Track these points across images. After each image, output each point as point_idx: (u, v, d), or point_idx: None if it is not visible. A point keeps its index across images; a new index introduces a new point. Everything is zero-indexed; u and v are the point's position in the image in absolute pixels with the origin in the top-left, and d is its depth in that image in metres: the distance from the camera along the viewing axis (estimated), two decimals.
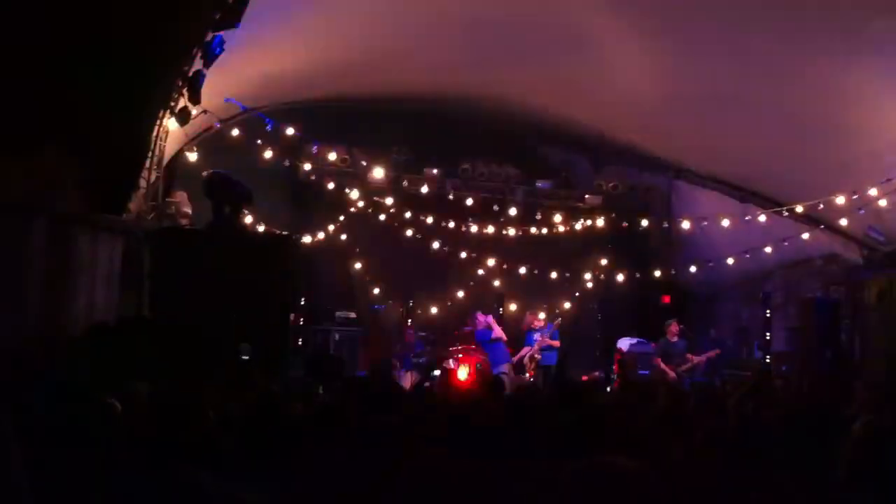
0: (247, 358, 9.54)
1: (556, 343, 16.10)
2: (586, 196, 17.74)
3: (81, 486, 3.91)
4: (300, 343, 14.56)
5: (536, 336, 16.17)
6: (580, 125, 16.00)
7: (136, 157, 11.20)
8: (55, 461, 4.02)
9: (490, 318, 16.20)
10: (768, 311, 16.48)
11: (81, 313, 10.33)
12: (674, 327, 15.64)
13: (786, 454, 3.88)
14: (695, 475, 4.36)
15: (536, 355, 15.94)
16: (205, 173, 12.40)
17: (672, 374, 15.01)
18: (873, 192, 12.75)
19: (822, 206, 13.76)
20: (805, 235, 14.94)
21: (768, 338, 16.19)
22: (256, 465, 4.30)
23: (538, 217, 17.64)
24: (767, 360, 15.80)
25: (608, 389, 14.37)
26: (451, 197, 16.95)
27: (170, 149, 12.68)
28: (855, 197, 13.04)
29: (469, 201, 17.04)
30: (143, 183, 11.78)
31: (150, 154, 11.56)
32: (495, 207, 17.39)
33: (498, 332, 15.93)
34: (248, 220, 13.60)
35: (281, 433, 4.86)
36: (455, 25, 12.21)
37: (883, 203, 12.92)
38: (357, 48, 13.00)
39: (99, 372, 7.51)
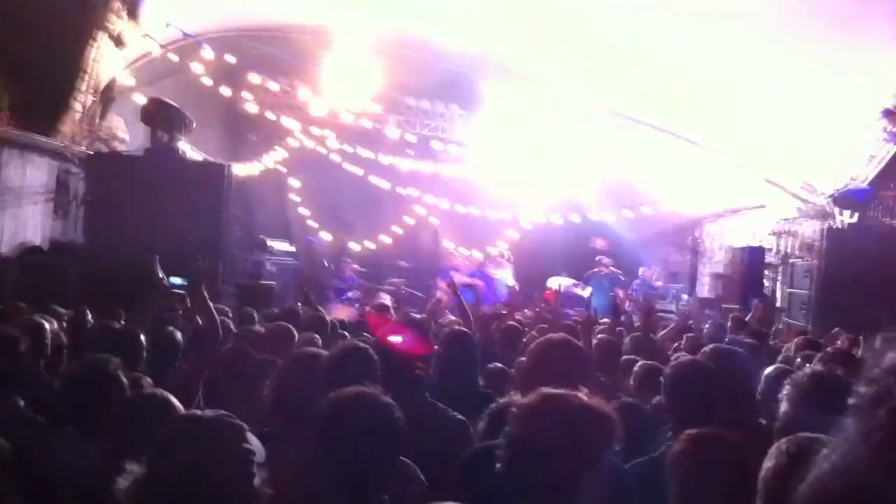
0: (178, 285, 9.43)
1: (477, 282, 16.18)
2: None
3: None
4: None
5: (452, 273, 16.35)
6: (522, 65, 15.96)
7: (69, 78, 10.94)
8: None
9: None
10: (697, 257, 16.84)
11: (10, 235, 10.16)
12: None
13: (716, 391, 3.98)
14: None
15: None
16: (142, 99, 12.15)
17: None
18: (809, 145, 12.98)
19: (757, 154, 13.98)
20: (737, 184, 15.19)
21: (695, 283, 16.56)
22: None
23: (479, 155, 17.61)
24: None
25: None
26: (392, 133, 16.82)
27: (106, 73, 12.39)
28: (790, 148, 13.26)
29: (410, 137, 16.95)
30: (78, 106, 11.52)
31: (84, 76, 11.29)
32: (436, 144, 17.32)
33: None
34: (185, 147, 13.38)
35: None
36: None
37: (818, 156, 13.18)
38: None
39: (26, 293, 7.42)
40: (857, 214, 12.49)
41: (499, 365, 5.65)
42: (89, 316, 6.70)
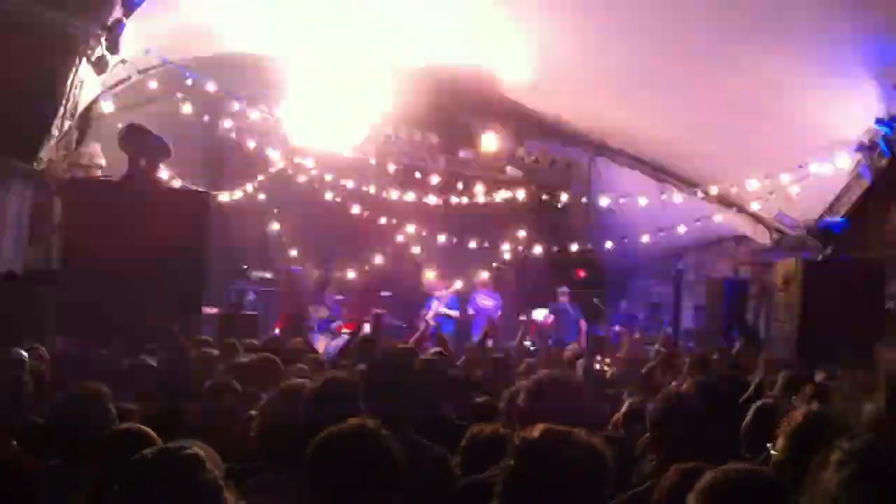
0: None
1: (454, 313, 16.27)
2: (508, 168, 17.82)
3: None
4: None
5: (434, 303, 16.38)
6: (504, 98, 16.02)
7: (49, 104, 10.86)
8: None
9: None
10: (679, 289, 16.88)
11: None
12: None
13: (701, 425, 3.97)
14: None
15: (430, 321, 16.11)
16: (121, 125, 12.07)
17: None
18: (785, 178, 13.07)
19: (735, 189, 14.07)
20: (717, 217, 15.27)
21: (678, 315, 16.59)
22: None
23: (459, 187, 17.63)
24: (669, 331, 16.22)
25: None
26: (372, 162, 16.78)
27: (85, 98, 12.31)
28: (767, 182, 13.35)
29: (390, 167, 16.93)
30: (56, 132, 11.43)
31: (64, 102, 11.21)
32: (417, 175, 17.31)
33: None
34: (164, 174, 13.29)
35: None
36: None
37: (794, 189, 13.27)
38: (282, 3, 12.79)
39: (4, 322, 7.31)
40: (831, 247, 12.59)
41: (487, 397, 5.60)
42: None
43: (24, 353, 5.13)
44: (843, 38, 10.41)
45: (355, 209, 16.85)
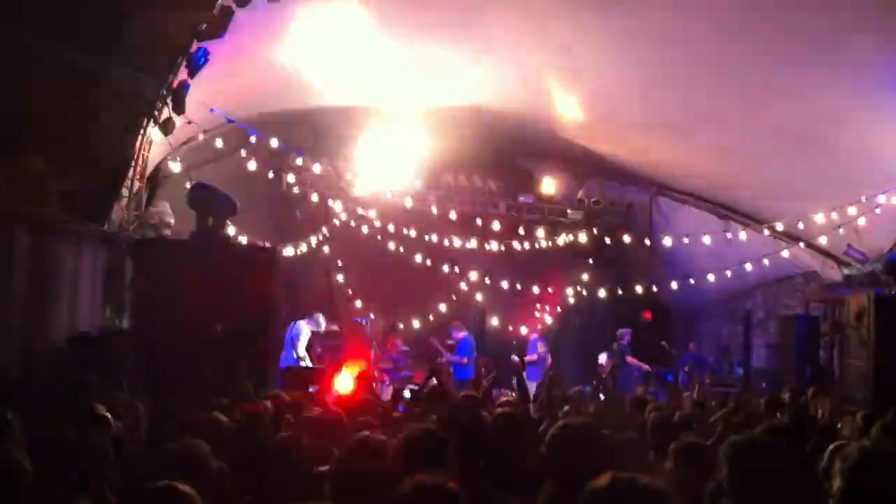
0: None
1: (460, 360, 16.05)
2: (568, 211, 17.79)
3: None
4: None
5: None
6: (562, 139, 16.03)
7: (119, 166, 11.16)
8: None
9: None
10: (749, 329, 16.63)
11: (63, 322, 10.26)
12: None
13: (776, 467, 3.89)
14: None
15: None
16: (189, 184, 12.35)
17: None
18: (853, 210, 12.85)
19: (801, 224, 13.85)
20: (785, 253, 15.03)
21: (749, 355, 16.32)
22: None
23: (520, 231, 17.64)
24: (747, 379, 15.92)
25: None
26: (434, 210, 16.89)
27: (153, 158, 12.64)
28: (834, 215, 13.12)
29: (452, 215, 17.02)
30: (126, 192, 11.73)
31: (133, 164, 11.52)
32: (478, 221, 17.36)
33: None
34: (231, 231, 13.55)
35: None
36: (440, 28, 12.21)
37: (862, 222, 13.02)
38: (343, 59, 13.01)
39: (80, 381, 7.47)
40: None
41: None
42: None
43: (106, 412, 5.23)
44: None
45: (418, 258, 16.94)
